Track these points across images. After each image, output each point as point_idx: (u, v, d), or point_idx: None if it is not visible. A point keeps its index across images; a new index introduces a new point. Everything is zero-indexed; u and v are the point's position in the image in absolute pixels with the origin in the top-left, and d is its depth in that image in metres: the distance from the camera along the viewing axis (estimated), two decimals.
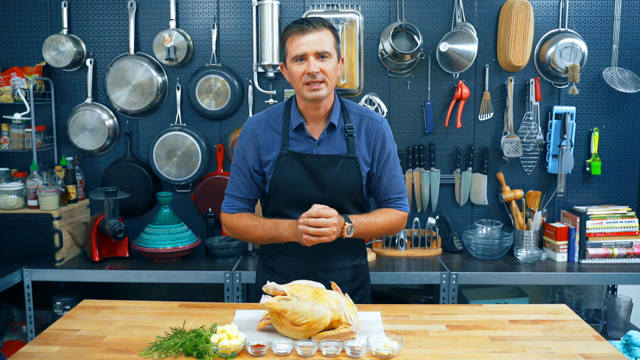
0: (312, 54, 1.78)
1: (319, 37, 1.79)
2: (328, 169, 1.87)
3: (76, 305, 1.92)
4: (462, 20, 3.02)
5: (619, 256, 2.90)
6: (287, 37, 1.83)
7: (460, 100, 3.05)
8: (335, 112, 1.90)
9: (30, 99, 2.92)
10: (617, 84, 2.99)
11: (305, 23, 1.80)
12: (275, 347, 1.52)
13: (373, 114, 1.97)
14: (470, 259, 2.95)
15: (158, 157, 3.06)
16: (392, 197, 1.97)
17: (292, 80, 1.85)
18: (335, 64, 1.84)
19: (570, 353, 1.54)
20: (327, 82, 1.81)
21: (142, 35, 3.11)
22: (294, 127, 1.89)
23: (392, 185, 1.96)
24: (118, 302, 1.92)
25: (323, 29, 1.81)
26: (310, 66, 1.78)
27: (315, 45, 1.78)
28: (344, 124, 1.91)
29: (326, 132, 1.90)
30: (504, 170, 3.15)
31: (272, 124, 1.93)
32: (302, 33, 1.79)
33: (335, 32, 1.86)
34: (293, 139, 1.90)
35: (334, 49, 1.83)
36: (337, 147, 1.89)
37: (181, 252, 2.89)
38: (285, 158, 1.88)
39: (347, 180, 1.89)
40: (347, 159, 1.88)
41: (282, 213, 1.92)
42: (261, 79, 3.11)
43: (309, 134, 1.90)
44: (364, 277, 2.07)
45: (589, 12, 3.07)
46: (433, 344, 1.59)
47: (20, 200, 2.86)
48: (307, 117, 1.91)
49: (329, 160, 1.87)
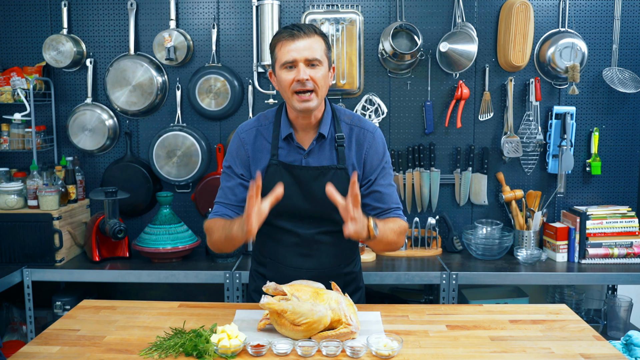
0: (302, 61, 1.72)
1: (309, 44, 1.73)
2: (317, 180, 1.82)
3: (76, 305, 1.92)
4: (462, 20, 3.02)
5: (619, 256, 2.90)
6: (277, 43, 1.77)
7: (460, 100, 3.05)
8: (325, 122, 1.84)
9: (30, 99, 2.92)
10: (617, 84, 2.99)
11: (296, 29, 1.74)
12: (275, 347, 1.52)
13: (365, 122, 1.90)
14: (470, 259, 2.95)
15: (158, 157, 3.06)
16: (392, 206, 1.88)
17: (281, 88, 1.78)
18: (326, 72, 1.77)
19: (570, 353, 1.54)
20: (317, 92, 1.75)
21: (142, 35, 3.11)
22: (284, 136, 1.84)
23: (391, 194, 1.88)
24: (118, 302, 1.92)
25: (314, 35, 1.75)
26: (299, 73, 1.71)
27: (306, 52, 1.72)
28: (334, 133, 1.86)
29: (315, 142, 1.84)
30: (504, 170, 3.15)
31: (262, 132, 1.87)
32: (292, 39, 1.73)
33: (327, 39, 1.81)
34: (282, 149, 1.85)
35: (324, 56, 1.77)
36: (326, 158, 1.84)
37: (181, 252, 2.89)
38: (275, 168, 1.83)
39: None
40: (336, 170, 1.83)
41: (271, 223, 1.86)
42: (261, 79, 3.11)
43: (298, 144, 1.84)
44: (356, 283, 2.02)
45: (589, 12, 3.07)
46: (433, 344, 1.59)
47: (20, 200, 2.86)
48: (297, 126, 1.85)
49: (318, 172, 1.82)
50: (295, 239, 1.87)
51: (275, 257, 1.93)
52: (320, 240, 1.88)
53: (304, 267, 1.89)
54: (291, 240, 1.88)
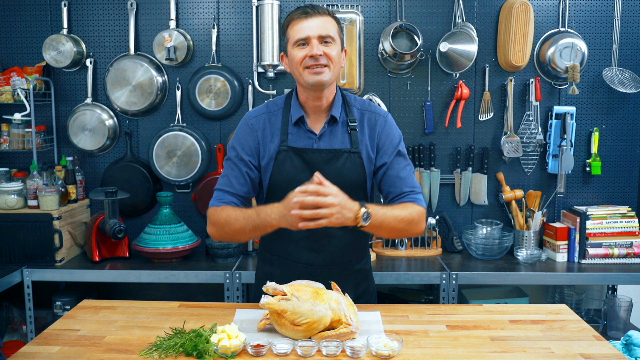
0: (316, 37, 1.70)
1: (322, 22, 1.72)
2: (330, 164, 1.78)
3: (76, 305, 1.92)
4: (462, 20, 3.02)
5: (619, 256, 2.90)
6: (290, 23, 1.76)
7: (460, 100, 3.05)
8: (336, 105, 1.81)
9: (30, 99, 2.92)
10: (617, 84, 2.99)
11: (309, 7, 1.74)
12: (275, 347, 1.52)
13: (375, 107, 1.88)
14: (470, 259, 2.96)
15: (158, 157, 3.06)
16: (405, 190, 1.81)
17: (292, 66, 1.75)
18: (340, 50, 1.75)
19: (570, 353, 1.54)
20: (330, 67, 1.72)
21: (142, 35, 3.11)
22: (294, 120, 1.80)
23: (404, 178, 1.82)
24: (118, 302, 1.92)
25: (326, 15, 1.74)
26: (313, 49, 1.69)
27: (319, 29, 1.71)
28: (346, 117, 1.83)
29: (327, 125, 1.81)
30: (504, 170, 3.15)
31: (271, 118, 1.84)
32: (306, 17, 1.72)
33: (339, 22, 1.80)
34: (292, 134, 1.81)
35: (337, 35, 1.75)
36: (339, 142, 1.80)
37: (181, 252, 2.89)
38: (285, 154, 1.79)
39: (350, 176, 1.79)
40: (350, 154, 1.79)
41: None
42: (261, 79, 3.11)
43: (310, 128, 1.81)
44: (368, 282, 1.99)
45: (589, 12, 3.07)
46: (433, 344, 1.58)
47: (20, 200, 2.86)
48: (308, 109, 1.82)
49: (330, 155, 1.79)
50: (305, 231, 1.76)
51: (284, 254, 1.88)
52: (331, 233, 1.82)
53: (314, 263, 1.85)
54: (301, 233, 1.77)
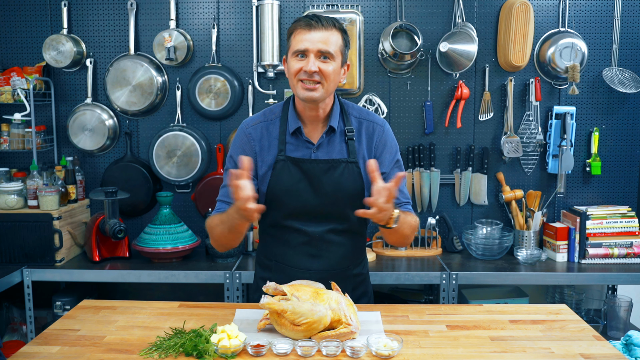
0: (314, 52, 1.69)
1: (325, 36, 1.70)
2: (327, 174, 1.78)
3: (76, 305, 1.92)
4: (462, 20, 3.02)
5: (619, 256, 2.90)
6: (293, 31, 1.75)
7: (460, 100, 3.05)
8: (334, 115, 1.81)
9: (30, 99, 2.92)
10: (617, 84, 2.99)
11: (315, 19, 1.71)
12: (275, 347, 1.52)
13: (374, 116, 1.89)
14: (470, 259, 2.96)
15: (158, 157, 3.06)
16: (402, 201, 1.83)
17: (289, 75, 1.76)
18: (338, 67, 1.74)
19: (570, 353, 1.54)
20: (323, 85, 1.71)
21: (142, 35, 3.11)
22: (292, 131, 1.80)
23: (401, 189, 1.82)
24: (118, 302, 1.92)
25: (332, 29, 1.72)
26: (308, 64, 1.68)
27: (319, 44, 1.69)
28: (344, 127, 1.83)
29: (325, 135, 1.81)
30: (504, 170, 3.15)
31: (269, 127, 1.83)
32: (309, 29, 1.70)
33: (346, 36, 1.77)
34: (290, 144, 1.81)
35: (339, 52, 1.73)
36: (337, 152, 1.81)
37: (181, 252, 2.89)
38: (282, 164, 1.79)
39: (347, 186, 1.79)
40: (347, 164, 1.79)
41: (281, 224, 1.83)
42: (261, 79, 3.11)
43: (307, 138, 1.81)
44: (365, 285, 1.99)
45: (589, 12, 3.07)
46: (433, 344, 1.58)
47: (20, 200, 2.86)
48: (305, 119, 1.81)
49: (328, 165, 1.78)
50: (304, 237, 1.82)
51: (282, 259, 1.88)
52: (329, 240, 1.83)
53: (312, 269, 1.84)
54: (299, 239, 1.83)
